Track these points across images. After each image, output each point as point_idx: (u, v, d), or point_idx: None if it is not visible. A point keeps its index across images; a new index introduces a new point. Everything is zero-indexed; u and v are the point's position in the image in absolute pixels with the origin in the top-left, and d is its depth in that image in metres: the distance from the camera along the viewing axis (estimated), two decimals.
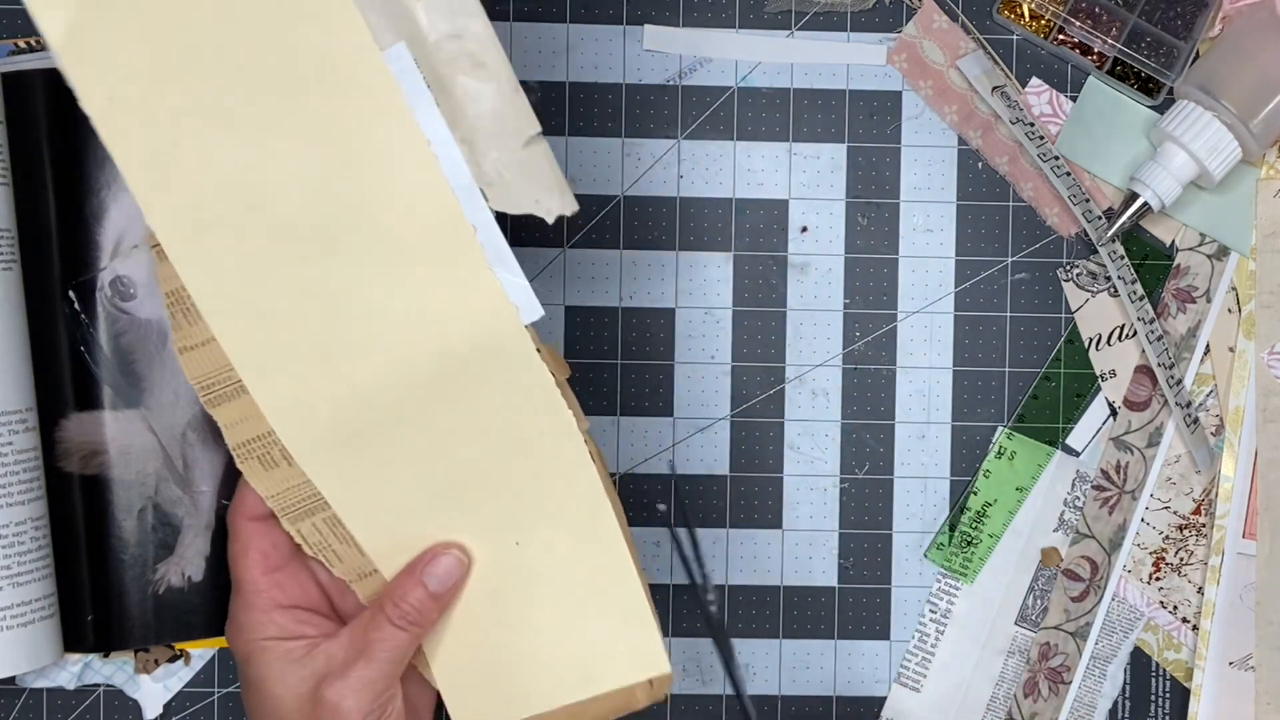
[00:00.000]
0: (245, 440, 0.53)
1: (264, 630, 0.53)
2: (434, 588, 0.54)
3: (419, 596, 0.53)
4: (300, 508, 0.55)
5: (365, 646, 0.52)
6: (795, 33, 0.70)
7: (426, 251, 0.52)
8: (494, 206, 0.52)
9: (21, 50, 0.68)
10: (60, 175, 0.66)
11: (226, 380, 0.53)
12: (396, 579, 0.54)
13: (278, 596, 0.54)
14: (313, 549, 0.55)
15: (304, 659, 0.53)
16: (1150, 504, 0.71)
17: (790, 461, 0.71)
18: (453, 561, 0.54)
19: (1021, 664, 0.71)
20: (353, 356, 0.52)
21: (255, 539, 0.54)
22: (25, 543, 0.64)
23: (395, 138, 0.50)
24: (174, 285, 0.51)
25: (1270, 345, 0.70)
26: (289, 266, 0.52)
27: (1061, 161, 0.69)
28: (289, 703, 0.52)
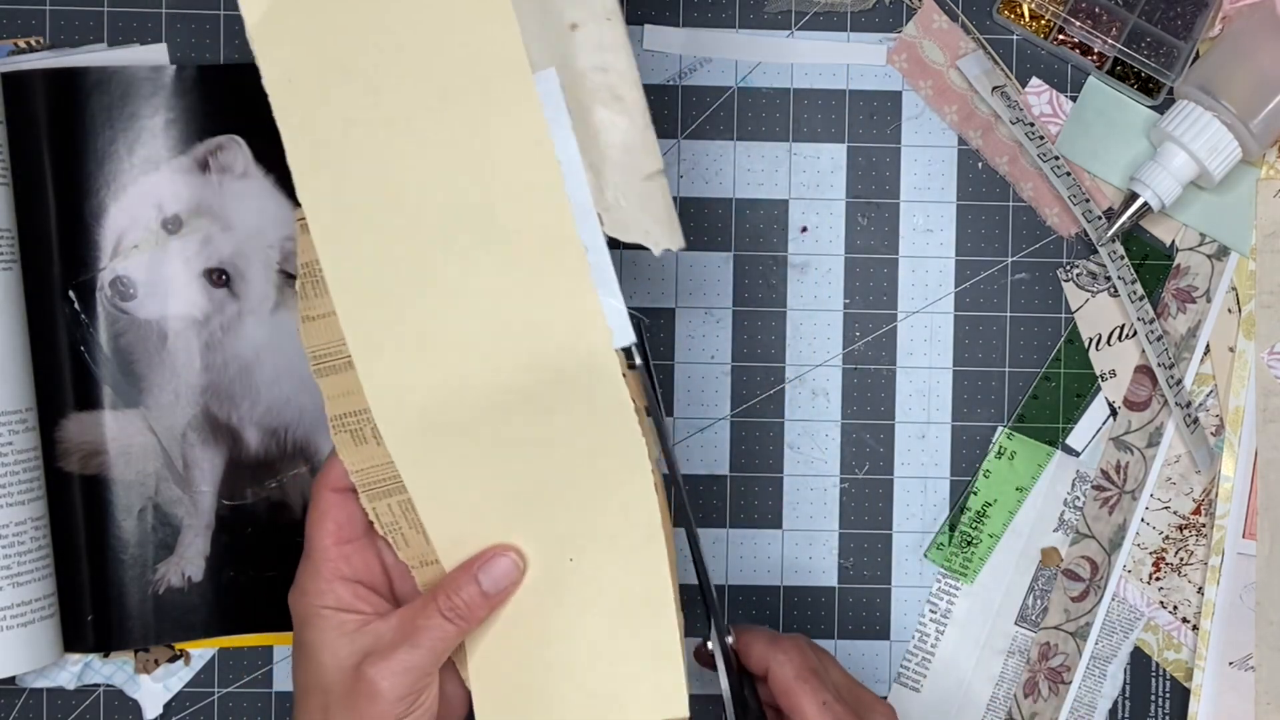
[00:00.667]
0: (343, 413, 0.56)
1: (324, 598, 0.55)
2: (487, 587, 0.55)
3: (471, 593, 0.55)
4: (380, 487, 0.57)
5: (412, 632, 0.54)
6: (795, 33, 0.70)
7: (538, 263, 0.55)
8: (608, 231, 0.55)
9: (21, 50, 0.68)
10: (60, 175, 0.66)
11: (338, 354, 0.56)
12: (453, 573, 0.56)
13: (343, 568, 0.56)
14: (384, 528, 0.57)
15: (354, 633, 0.54)
16: (1150, 504, 0.71)
17: (790, 461, 0.71)
18: (509, 564, 0.56)
19: (1021, 664, 0.71)
20: (454, 352, 0.56)
21: (333, 509, 0.56)
22: (25, 543, 0.64)
23: (530, 154, 0.54)
24: (309, 258, 0.55)
25: (1270, 345, 0.70)
26: (413, 258, 0.55)
27: (1061, 161, 0.69)
28: (333, 672, 0.54)
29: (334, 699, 0.54)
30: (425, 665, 0.54)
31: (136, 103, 0.66)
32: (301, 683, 0.56)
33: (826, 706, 0.55)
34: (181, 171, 0.67)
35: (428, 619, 0.54)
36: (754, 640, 0.58)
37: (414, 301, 0.55)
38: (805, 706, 0.55)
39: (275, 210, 0.67)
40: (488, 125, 0.54)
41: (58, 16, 0.68)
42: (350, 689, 0.53)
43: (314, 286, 0.56)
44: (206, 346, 0.67)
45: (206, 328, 0.67)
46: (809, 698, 0.55)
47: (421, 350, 0.56)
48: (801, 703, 0.55)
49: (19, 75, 0.65)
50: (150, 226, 0.66)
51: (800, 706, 0.55)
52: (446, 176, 0.55)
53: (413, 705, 0.54)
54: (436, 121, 0.55)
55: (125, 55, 0.68)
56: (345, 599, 0.55)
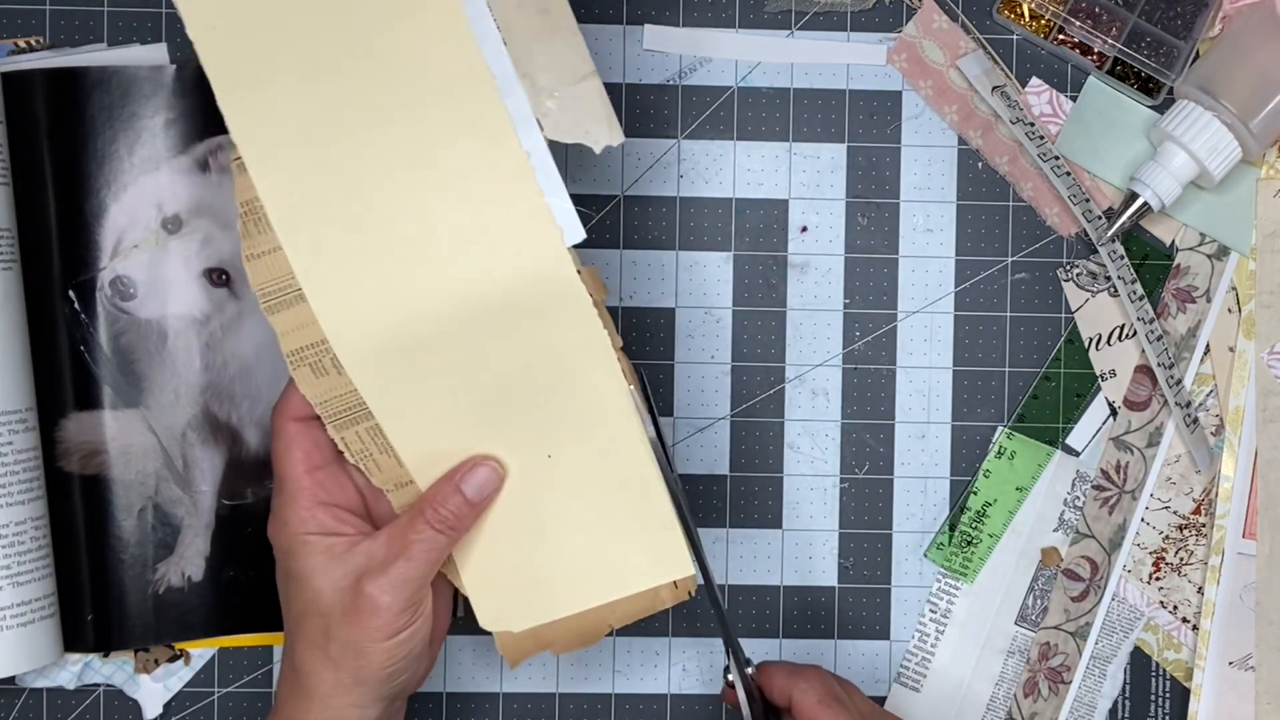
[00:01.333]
0: (299, 347, 0.57)
1: (306, 525, 0.56)
2: (471, 495, 0.57)
3: (457, 503, 0.57)
4: (345, 415, 0.58)
5: (404, 547, 0.56)
6: (795, 33, 0.70)
7: (482, 174, 0.56)
8: (548, 136, 0.57)
9: (21, 50, 0.68)
10: (60, 175, 0.66)
11: (287, 288, 0.56)
12: (436, 485, 0.57)
13: (319, 494, 0.57)
14: (354, 456, 0.58)
15: (345, 555, 0.56)
16: (1150, 504, 0.71)
17: (790, 461, 0.71)
18: (489, 472, 0.58)
19: (1021, 664, 0.71)
20: (406, 270, 0.57)
21: (298, 438, 0.57)
22: (25, 542, 0.64)
23: (462, 71, 0.56)
24: (249, 196, 0.56)
25: (1270, 345, 0.70)
26: (353, 182, 0.56)
27: (1061, 161, 0.69)
28: (329, 594, 0.55)
29: (334, 619, 0.55)
30: (421, 576, 0.56)
31: (136, 103, 0.66)
32: (295, 611, 0.57)
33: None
34: (181, 171, 0.67)
35: (418, 532, 0.56)
36: (775, 672, 0.59)
37: (360, 225, 0.56)
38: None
39: None
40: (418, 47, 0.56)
41: (58, 16, 0.68)
42: (350, 607, 0.55)
43: (255, 224, 0.56)
44: (206, 346, 0.67)
45: (206, 327, 0.67)
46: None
47: (373, 272, 0.56)
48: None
49: (19, 75, 0.65)
50: (150, 226, 0.66)
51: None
52: (378, 100, 0.56)
53: (414, 615, 0.56)
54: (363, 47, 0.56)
55: (125, 55, 0.68)
56: (328, 523, 0.56)
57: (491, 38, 0.57)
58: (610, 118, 0.58)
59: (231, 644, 0.70)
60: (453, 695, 0.71)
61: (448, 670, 0.71)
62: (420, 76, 0.56)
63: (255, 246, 0.56)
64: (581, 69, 0.58)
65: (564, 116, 0.58)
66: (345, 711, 0.56)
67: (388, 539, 0.56)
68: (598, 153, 0.59)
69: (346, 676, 0.55)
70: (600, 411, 0.58)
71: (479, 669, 0.71)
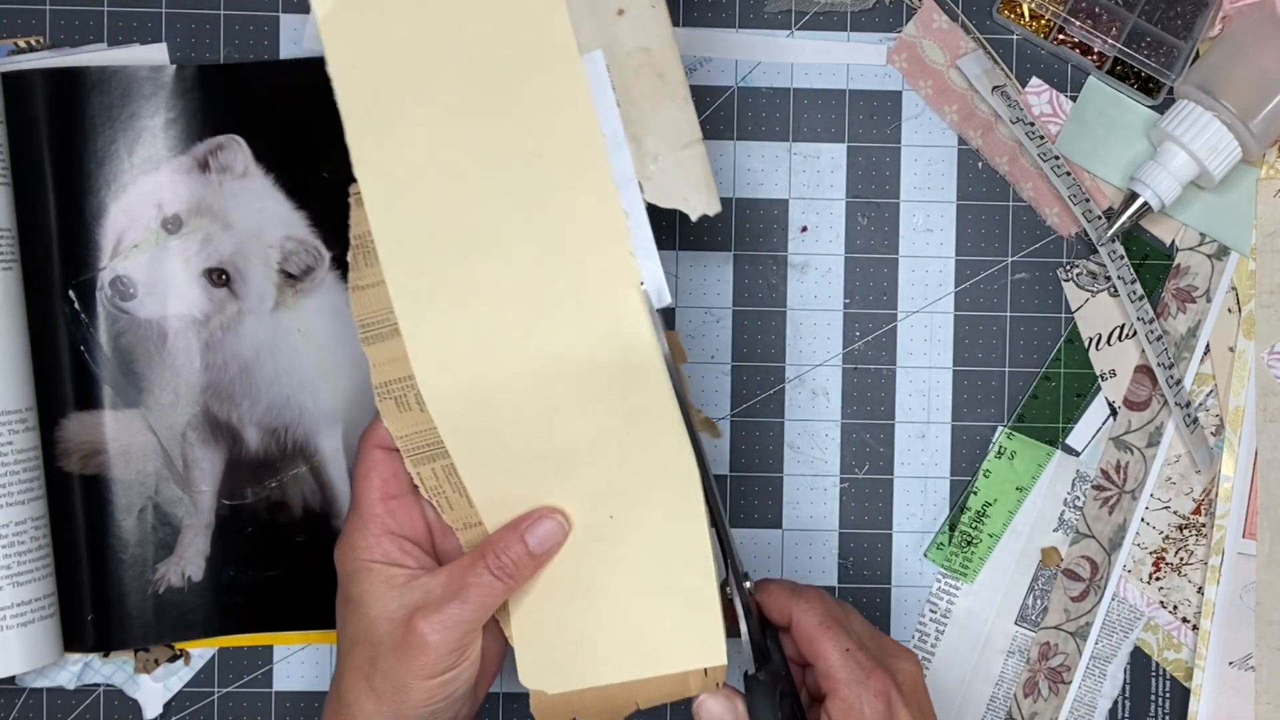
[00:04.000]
0: (388, 380, 0.58)
1: (372, 553, 0.56)
2: (534, 547, 0.57)
3: (519, 552, 0.57)
4: (423, 451, 0.58)
5: (461, 589, 0.56)
6: (795, 33, 0.70)
7: (581, 231, 0.58)
8: (648, 198, 0.58)
9: (21, 50, 0.68)
10: (60, 175, 0.66)
11: (385, 322, 0.58)
12: (501, 532, 0.58)
13: (389, 523, 0.57)
14: (429, 492, 0.59)
15: (403, 587, 0.56)
16: (1150, 504, 0.71)
17: (790, 461, 0.71)
18: (555, 526, 0.58)
19: (1021, 664, 0.71)
20: (497, 318, 0.58)
21: (379, 465, 0.58)
22: (25, 542, 0.64)
23: (576, 127, 0.58)
24: (362, 230, 0.58)
25: (1270, 345, 0.70)
26: (461, 229, 0.58)
27: (1061, 161, 0.69)
28: (382, 625, 0.56)
29: (383, 650, 0.55)
30: (473, 620, 0.56)
31: (136, 103, 0.66)
32: (349, 635, 0.57)
33: (850, 654, 0.56)
34: (181, 171, 0.67)
35: (477, 576, 0.56)
36: (776, 591, 0.59)
37: (460, 270, 0.58)
38: (829, 653, 0.56)
39: (275, 210, 0.67)
40: (538, 104, 0.58)
41: (58, 16, 0.68)
42: (400, 641, 0.55)
43: (365, 257, 0.58)
44: (206, 346, 0.67)
45: (206, 327, 0.67)
46: (832, 644, 0.56)
47: (465, 317, 0.58)
48: (825, 649, 0.56)
49: (19, 75, 0.65)
50: (150, 226, 0.66)
51: (824, 653, 0.56)
52: (496, 151, 0.58)
53: (460, 658, 0.56)
54: (489, 99, 0.58)
55: (125, 55, 0.68)
56: (392, 554, 0.57)
57: (606, 98, 0.58)
58: (710, 186, 0.59)
59: (231, 644, 0.70)
60: None
61: None
62: (536, 131, 0.58)
63: (361, 279, 0.58)
64: (688, 135, 0.59)
65: (666, 180, 0.59)
66: None
67: (446, 578, 0.56)
68: (694, 219, 0.59)
69: (386, 709, 0.55)
70: (665, 479, 0.58)
71: None
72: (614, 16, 0.59)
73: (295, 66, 0.68)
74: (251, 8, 0.69)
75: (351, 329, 0.68)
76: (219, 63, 0.68)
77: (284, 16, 0.69)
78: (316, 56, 0.69)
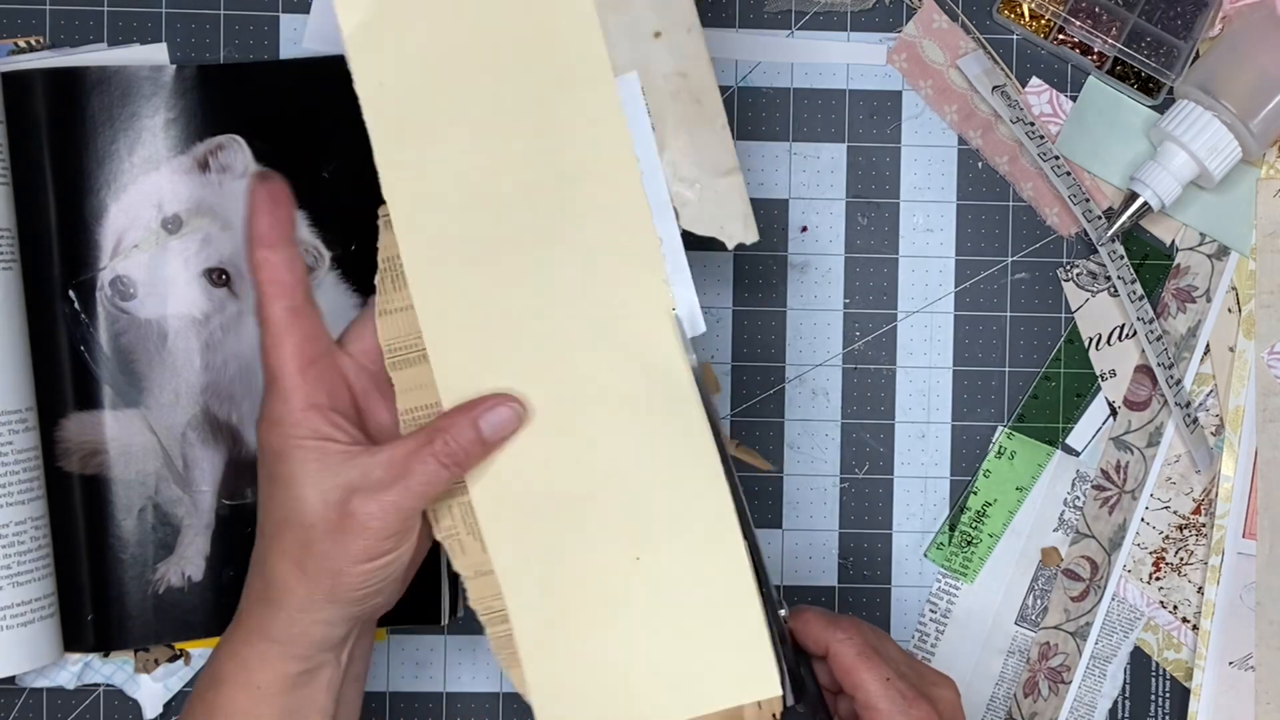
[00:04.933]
0: (414, 406, 0.56)
1: (299, 429, 0.53)
2: (486, 434, 0.55)
3: (469, 439, 0.54)
4: None
5: (405, 473, 0.53)
6: (795, 33, 0.70)
7: (615, 257, 0.57)
8: (683, 225, 0.57)
9: (21, 50, 0.68)
10: (60, 175, 0.66)
11: (412, 347, 0.56)
12: (452, 415, 0.55)
13: (314, 395, 0.54)
14: (442, 533, 0.57)
15: (338, 465, 0.53)
16: (1150, 504, 0.71)
17: (790, 461, 0.71)
18: (510, 413, 0.55)
19: (1021, 664, 0.71)
20: (529, 344, 0.56)
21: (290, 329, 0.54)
22: (25, 542, 0.64)
23: (610, 151, 0.57)
24: (390, 253, 0.56)
25: (1270, 345, 0.70)
26: (493, 253, 0.57)
27: (1061, 161, 0.69)
28: (315, 506, 0.53)
29: (316, 534, 0.53)
30: (414, 506, 0.53)
31: (136, 103, 0.66)
32: (276, 518, 0.54)
33: (890, 683, 0.55)
34: (181, 171, 0.67)
35: (422, 462, 0.53)
36: (810, 620, 0.57)
37: (492, 295, 0.56)
38: (869, 684, 0.55)
39: None
40: (571, 125, 0.56)
41: (58, 16, 0.68)
42: (336, 524, 0.52)
43: (393, 281, 0.56)
44: (206, 346, 0.67)
45: (206, 327, 0.67)
46: (872, 674, 0.55)
47: (494, 343, 0.56)
48: (865, 679, 0.55)
49: (19, 75, 0.65)
50: (150, 226, 0.66)
51: (864, 684, 0.55)
52: (529, 174, 0.56)
53: (399, 541, 0.54)
54: (521, 122, 0.56)
55: (125, 55, 0.68)
56: (322, 429, 0.53)
57: (641, 122, 0.57)
58: (747, 215, 0.58)
59: None
60: (451, 695, 0.71)
61: (448, 670, 0.71)
62: (569, 153, 0.56)
63: (389, 303, 0.57)
64: (726, 163, 0.58)
65: (702, 208, 0.58)
66: (312, 628, 0.54)
67: (388, 460, 0.53)
68: (730, 248, 0.58)
69: (319, 593, 0.53)
70: (699, 514, 0.57)
71: (478, 669, 0.71)
72: (650, 39, 0.58)
73: (295, 66, 0.68)
74: (251, 8, 0.69)
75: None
76: (219, 63, 0.68)
77: (284, 16, 0.69)
78: (316, 56, 0.69)
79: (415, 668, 0.70)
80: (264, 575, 0.54)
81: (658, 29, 0.58)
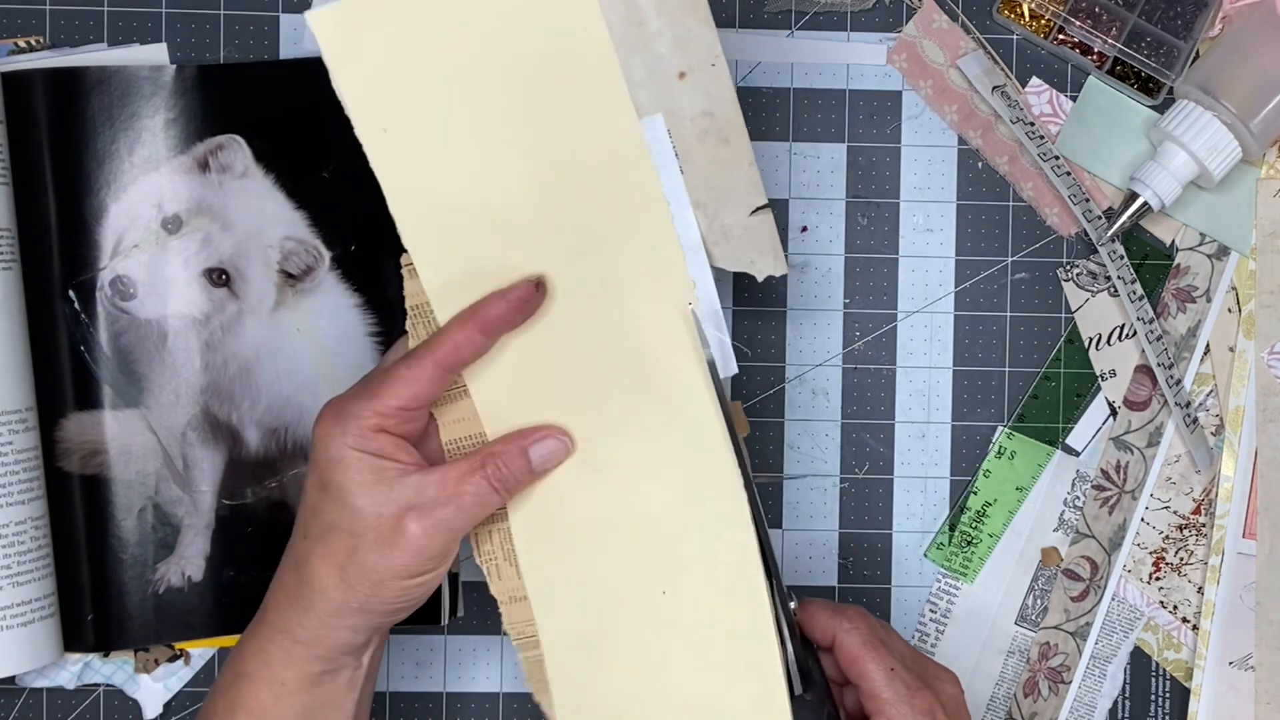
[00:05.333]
0: (457, 438, 0.58)
1: (366, 444, 0.55)
2: (535, 464, 0.57)
3: (520, 466, 0.56)
4: None
5: (456, 495, 0.55)
6: (795, 33, 0.70)
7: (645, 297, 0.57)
8: (715, 263, 0.58)
9: (21, 50, 0.68)
10: (60, 175, 0.66)
11: (453, 385, 0.57)
12: (504, 442, 0.57)
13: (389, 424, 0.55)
14: (482, 557, 0.58)
15: (395, 481, 0.55)
16: (1150, 504, 0.71)
17: (790, 461, 0.71)
18: (558, 445, 0.57)
19: (1021, 664, 0.71)
20: (561, 383, 0.57)
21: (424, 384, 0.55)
22: (25, 542, 0.64)
23: (638, 193, 0.56)
24: (419, 300, 0.57)
25: (1270, 345, 0.70)
26: None
27: (1061, 161, 0.69)
28: (368, 517, 0.54)
29: (365, 544, 0.54)
30: (462, 526, 0.55)
31: (136, 103, 0.66)
32: (323, 522, 0.55)
33: (894, 673, 0.56)
34: (181, 171, 0.67)
35: (474, 485, 0.55)
36: (817, 611, 0.58)
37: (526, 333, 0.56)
38: (873, 674, 0.56)
39: (275, 209, 0.67)
40: (597, 171, 0.56)
41: (58, 16, 0.68)
42: (386, 537, 0.54)
43: (425, 325, 0.57)
44: (206, 346, 0.67)
45: (206, 327, 0.67)
46: (876, 664, 0.56)
47: (533, 379, 0.57)
48: (869, 669, 0.56)
49: (19, 75, 0.65)
50: (150, 226, 0.66)
51: (869, 673, 0.56)
52: (555, 220, 0.56)
53: (440, 562, 0.56)
54: (543, 168, 0.56)
55: (125, 55, 0.68)
56: (387, 448, 0.55)
57: (669, 164, 0.57)
58: (776, 250, 0.59)
59: (231, 644, 0.70)
60: (453, 695, 0.71)
61: (448, 670, 0.71)
62: (596, 197, 0.56)
63: None
64: (755, 201, 0.59)
65: (733, 246, 0.59)
66: (339, 633, 0.55)
67: (440, 480, 0.55)
68: (759, 280, 0.60)
69: (354, 601, 0.55)
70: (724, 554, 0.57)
71: (479, 669, 0.71)
72: (675, 80, 0.58)
73: (295, 66, 0.68)
74: (251, 8, 0.69)
75: (351, 329, 0.68)
76: (219, 63, 0.68)
77: (284, 16, 0.69)
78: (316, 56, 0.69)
79: (415, 668, 0.70)
80: (300, 575, 0.56)
81: (682, 69, 0.58)
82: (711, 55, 0.58)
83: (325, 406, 0.56)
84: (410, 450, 0.56)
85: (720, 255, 0.59)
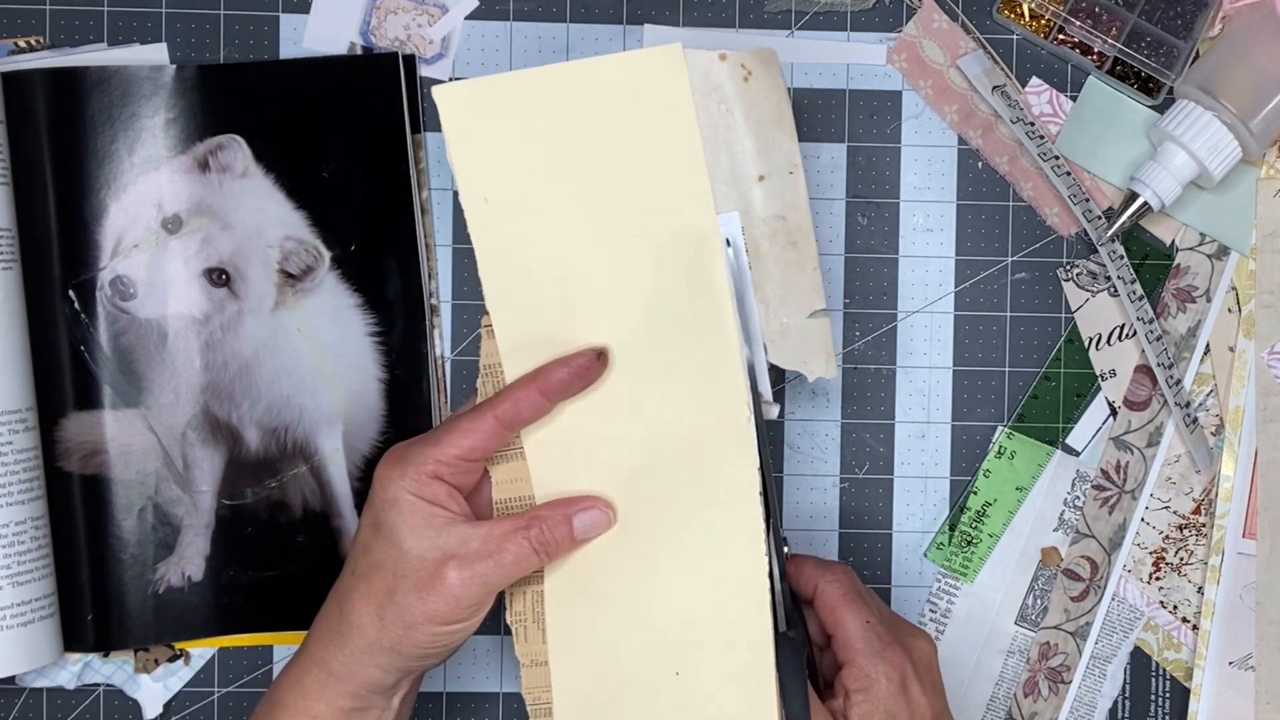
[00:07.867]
0: (507, 498, 0.60)
1: (422, 490, 0.57)
2: (578, 530, 0.58)
3: (563, 533, 0.58)
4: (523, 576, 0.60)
5: (497, 551, 0.57)
6: (795, 33, 0.70)
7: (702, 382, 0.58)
8: (771, 359, 0.61)
9: (21, 50, 0.68)
10: (60, 175, 0.66)
11: (511, 444, 0.59)
12: (549, 509, 0.58)
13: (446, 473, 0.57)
14: (513, 616, 0.60)
15: (442, 529, 0.57)
16: (1150, 504, 0.71)
17: (790, 461, 0.71)
18: (601, 517, 0.59)
19: (1021, 664, 0.71)
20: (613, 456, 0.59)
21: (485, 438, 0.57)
22: (25, 542, 0.64)
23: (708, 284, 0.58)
24: (491, 361, 0.59)
25: (1270, 345, 0.70)
26: None
27: (1061, 161, 0.69)
28: (412, 561, 0.56)
29: (405, 584, 0.56)
30: (499, 582, 0.57)
31: (136, 102, 0.66)
32: (370, 560, 0.57)
33: (870, 626, 0.58)
34: (181, 171, 0.67)
35: (516, 544, 0.57)
36: (803, 563, 0.61)
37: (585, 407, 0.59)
38: (849, 624, 0.58)
39: (275, 210, 0.67)
40: (670, 260, 0.58)
41: (58, 16, 0.68)
42: (425, 582, 0.56)
43: (494, 385, 0.59)
44: (206, 346, 0.67)
45: (206, 327, 0.67)
46: (853, 615, 0.58)
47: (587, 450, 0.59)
48: (846, 619, 0.58)
49: (19, 75, 0.65)
50: (150, 226, 0.66)
51: (844, 623, 0.58)
52: (626, 301, 0.58)
53: (474, 613, 0.57)
54: (621, 249, 0.58)
55: (125, 55, 0.68)
56: (440, 496, 0.57)
57: (740, 258, 0.60)
58: (829, 354, 0.62)
59: (231, 644, 0.70)
60: (453, 695, 0.71)
61: (448, 670, 0.71)
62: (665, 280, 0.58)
63: None
64: (815, 304, 0.62)
65: (788, 345, 0.61)
66: (369, 670, 0.57)
67: (485, 535, 0.57)
68: (810, 381, 0.62)
69: (386, 640, 0.56)
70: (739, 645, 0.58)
71: (479, 669, 0.71)
72: (754, 182, 0.61)
73: (295, 66, 0.68)
74: (251, 8, 0.69)
75: (351, 329, 0.68)
76: (219, 63, 0.68)
77: (284, 16, 0.69)
78: (316, 56, 0.69)
79: None
80: (341, 610, 0.57)
81: (762, 173, 0.61)
82: (791, 164, 0.61)
83: (389, 451, 0.58)
84: (461, 501, 0.58)
85: (775, 353, 0.61)
